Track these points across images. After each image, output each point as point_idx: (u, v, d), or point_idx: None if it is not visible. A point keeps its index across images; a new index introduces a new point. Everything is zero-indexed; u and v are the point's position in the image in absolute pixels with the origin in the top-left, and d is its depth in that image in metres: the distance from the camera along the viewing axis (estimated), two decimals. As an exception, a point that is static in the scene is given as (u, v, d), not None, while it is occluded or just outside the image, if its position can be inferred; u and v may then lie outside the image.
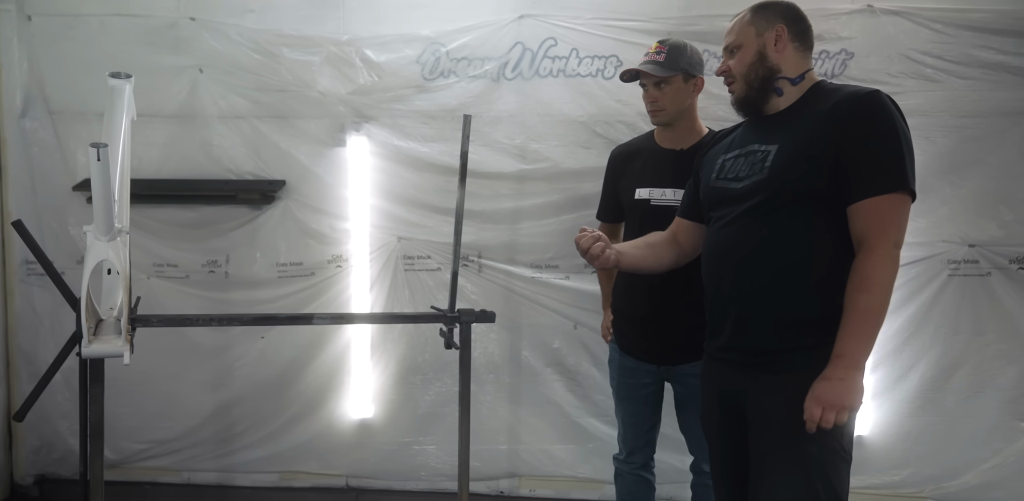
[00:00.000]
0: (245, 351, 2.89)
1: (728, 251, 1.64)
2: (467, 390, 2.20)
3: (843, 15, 2.66)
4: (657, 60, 2.13)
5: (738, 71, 1.69)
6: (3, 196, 2.89)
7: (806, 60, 1.68)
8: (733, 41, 1.72)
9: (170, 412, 2.90)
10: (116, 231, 1.31)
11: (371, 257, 2.85)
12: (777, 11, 1.68)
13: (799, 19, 1.69)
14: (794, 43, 1.66)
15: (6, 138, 2.87)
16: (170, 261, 2.87)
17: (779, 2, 1.71)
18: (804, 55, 1.68)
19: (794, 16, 1.69)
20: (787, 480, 1.49)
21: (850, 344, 1.44)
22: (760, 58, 1.66)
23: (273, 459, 2.91)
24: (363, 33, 2.80)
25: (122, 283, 1.35)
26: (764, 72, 1.65)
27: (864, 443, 2.71)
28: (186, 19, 2.83)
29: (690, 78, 2.16)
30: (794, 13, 1.69)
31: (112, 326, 1.35)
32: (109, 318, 1.37)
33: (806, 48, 1.68)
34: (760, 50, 1.66)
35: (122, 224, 1.36)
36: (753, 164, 1.62)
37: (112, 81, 1.65)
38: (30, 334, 2.91)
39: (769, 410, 1.54)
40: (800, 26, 1.68)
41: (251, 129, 2.84)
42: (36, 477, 2.96)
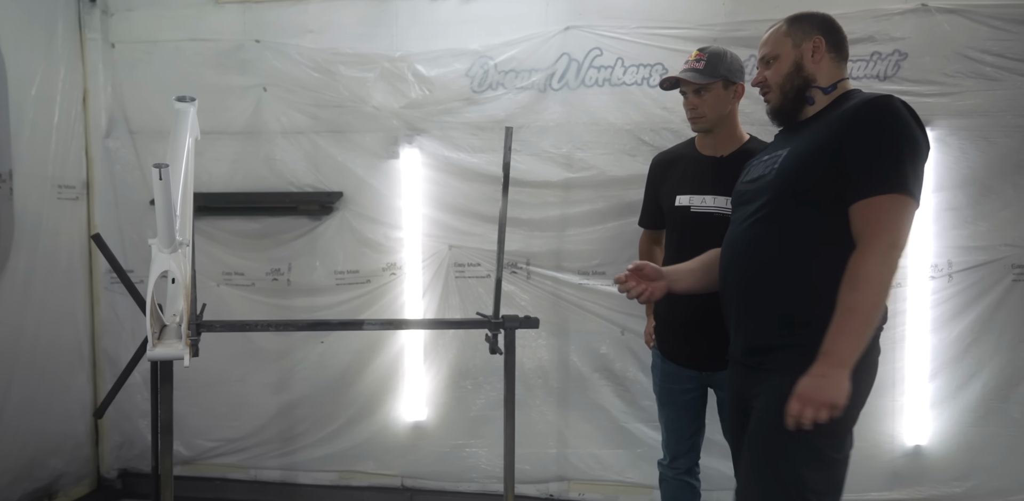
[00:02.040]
0: (306, 355, 3.03)
1: (735, 251, 1.67)
2: (512, 394, 2.26)
3: (896, 15, 2.61)
4: (696, 67, 2.15)
5: (774, 81, 1.72)
6: (90, 210, 3.13)
7: (840, 70, 1.71)
8: (769, 52, 1.74)
9: (237, 412, 3.07)
10: (177, 244, 1.44)
11: (423, 265, 2.95)
12: (814, 22, 1.71)
13: (835, 30, 1.71)
14: (830, 54, 1.68)
15: (93, 157, 3.12)
16: (237, 270, 3.05)
17: (815, 13, 1.73)
18: (839, 65, 1.71)
19: (830, 27, 1.71)
20: (758, 473, 1.52)
21: (836, 341, 1.43)
22: (797, 69, 1.69)
23: (332, 459, 3.04)
24: (415, 49, 2.91)
25: (183, 292, 1.48)
26: (800, 82, 1.68)
27: (923, 453, 2.63)
28: (251, 41, 3.01)
29: (730, 85, 2.17)
30: (830, 24, 1.72)
31: (174, 331, 1.48)
32: (172, 324, 1.50)
33: (841, 58, 1.71)
34: (797, 61, 1.69)
35: (183, 237, 1.49)
36: (767, 167, 1.67)
37: (177, 104, 1.80)
38: (113, 338, 3.14)
39: (761, 407, 1.56)
40: (836, 37, 1.70)
41: (310, 143, 3.00)
42: (119, 471, 3.18)
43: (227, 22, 3.03)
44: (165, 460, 1.91)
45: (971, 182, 2.58)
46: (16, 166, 2.75)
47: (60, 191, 2.99)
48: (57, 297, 2.94)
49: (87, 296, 3.12)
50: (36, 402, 2.80)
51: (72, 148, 3.04)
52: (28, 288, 2.79)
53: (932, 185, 2.60)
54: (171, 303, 1.54)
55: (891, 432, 2.67)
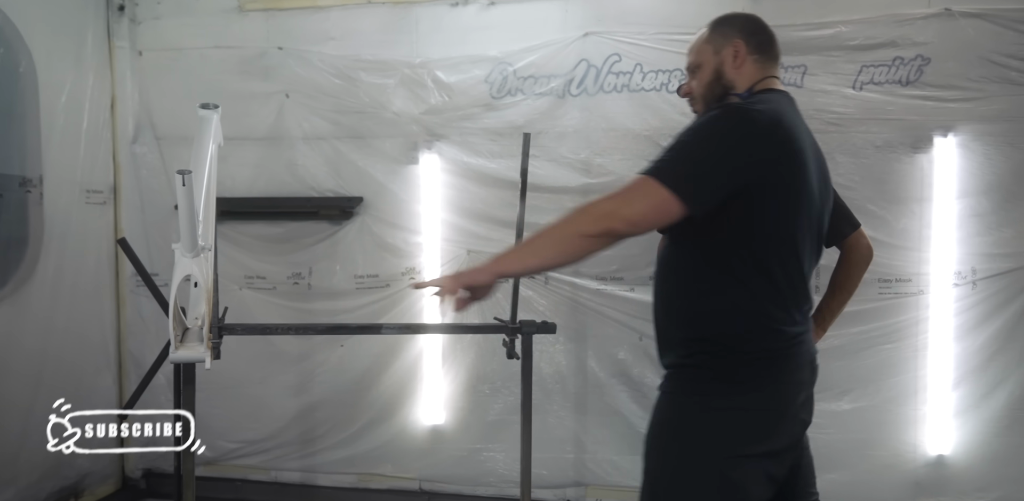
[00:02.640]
0: (326, 358, 3.07)
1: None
2: (529, 399, 2.27)
3: (918, 20, 2.59)
4: None
5: (698, 92, 1.61)
6: (117, 215, 3.20)
7: (764, 70, 1.56)
8: (693, 61, 1.62)
9: (258, 414, 3.11)
10: (200, 248, 1.47)
11: (442, 269, 2.97)
12: (734, 25, 1.59)
13: (758, 31, 1.59)
14: (753, 56, 1.55)
15: (120, 162, 3.18)
16: (259, 273, 3.10)
17: (736, 15, 1.63)
18: (764, 66, 1.57)
19: (753, 28, 1.59)
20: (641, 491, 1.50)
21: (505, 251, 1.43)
22: (717, 77, 1.57)
23: (351, 461, 3.06)
24: (434, 55, 2.94)
25: (205, 295, 1.51)
26: (720, 91, 1.57)
27: (946, 463, 2.60)
28: (274, 48, 3.06)
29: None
30: (753, 25, 1.60)
31: (196, 334, 1.51)
32: (194, 327, 1.53)
33: (767, 59, 1.57)
34: (717, 68, 1.57)
35: (206, 242, 1.52)
36: None
37: (201, 111, 1.83)
38: (138, 339, 3.19)
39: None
40: (760, 38, 1.57)
41: (331, 149, 3.04)
42: (143, 471, 3.24)
43: (251, 30, 3.08)
44: (187, 461, 1.95)
45: (995, 188, 2.55)
46: (46, 171, 2.82)
47: (88, 196, 3.05)
48: (85, 299, 3.01)
49: (113, 298, 3.18)
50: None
51: (100, 154, 3.11)
52: (57, 290, 2.86)
53: (956, 191, 2.58)
54: (193, 306, 1.57)
55: (913, 441, 2.64)
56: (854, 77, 2.62)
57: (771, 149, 1.38)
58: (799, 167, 1.42)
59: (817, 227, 1.52)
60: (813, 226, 1.49)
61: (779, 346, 1.44)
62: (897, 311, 2.63)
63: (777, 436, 1.43)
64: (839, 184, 2.08)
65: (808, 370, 1.51)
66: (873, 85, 2.61)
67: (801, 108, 2.58)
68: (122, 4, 3.14)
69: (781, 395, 1.44)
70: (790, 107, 1.51)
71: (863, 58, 2.61)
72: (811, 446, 2.09)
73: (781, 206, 1.41)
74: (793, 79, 2.66)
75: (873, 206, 2.58)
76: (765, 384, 1.42)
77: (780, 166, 1.39)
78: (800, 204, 1.43)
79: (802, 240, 1.45)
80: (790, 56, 2.66)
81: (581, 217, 1.37)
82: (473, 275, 1.37)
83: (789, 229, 1.43)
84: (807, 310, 1.52)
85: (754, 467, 1.41)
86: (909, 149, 2.60)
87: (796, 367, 1.47)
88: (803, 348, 1.48)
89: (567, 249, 1.37)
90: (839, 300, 2.04)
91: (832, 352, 2.56)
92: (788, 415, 1.45)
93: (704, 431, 1.43)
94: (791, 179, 1.41)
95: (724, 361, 1.44)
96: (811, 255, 1.50)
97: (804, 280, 1.49)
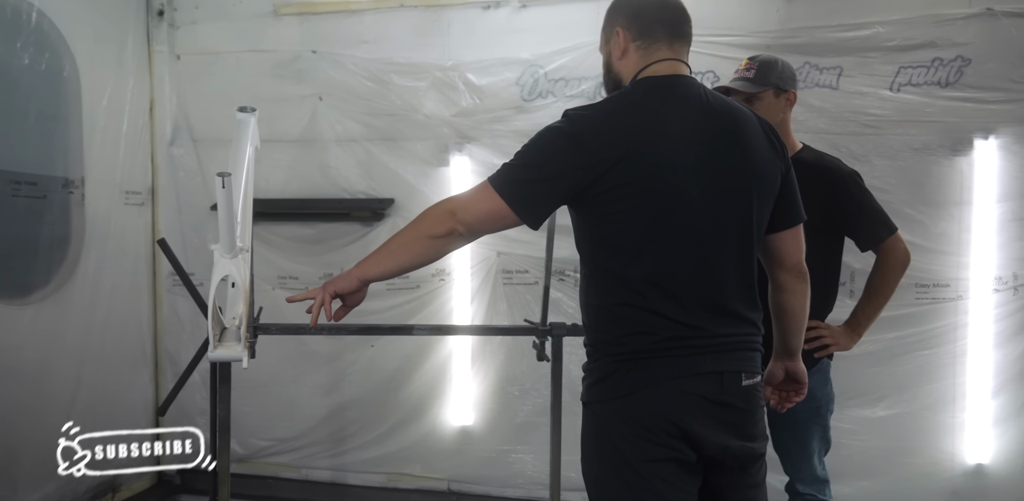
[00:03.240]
0: (356, 358, 3.10)
1: None
2: (558, 402, 2.27)
3: (959, 20, 2.54)
4: (746, 76, 2.12)
5: (604, 84, 1.53)
6: (155, 215, 3.26)
7: (649, 55, 1.41)
8: (600, 50, 1.54)
9: (290, 413, 3.15)
10: (238, 249, 1.50)
11: (472, 271, 2.98)
12: (617, 11, 1.46)
13: (642, 11, 1.42)
14: (636, 42, 1.42)
15: (158, 164, 3.25)
16: (292, 274, 3.14)
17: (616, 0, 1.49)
18: (649, 51, 1.41)
19: (636, 10, 1.43)
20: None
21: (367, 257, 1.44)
22: (607, 70, 1.49)
23: (381, 461, 3.09)
24: (466, 58, 2.96)
25: (242, 296, 1.53)
26: (611, 85, 1.49)
27: (984, 472, 2.54)
28: (308, 52, 3.10)
29: (781, 93, 2.13)
30: (636, 6, 1.43)
31: (234, 334, 1.54)
32: (232, 326, 1.56)
33: (653, 41, 1.41)
34: (606, 61, 1.48)
35: (243, 243, 1.55)
36: None
37: (239, 115, 1.87)
38: (174, 338, 3.26)
39: None
40: (643, 19, 1.42)
41: (363, 151, 3.07)
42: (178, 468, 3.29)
43: (285, 33, 3.13)
44: (223, 458, 1.98)
45: (1038, 192, 2.49)
46: (88, 173, 2.89)
47: (127, 197, 3.12)
48: (123, 298, 3.07)
49: (150, 298, 3.25)
50: (103, 399, 2.93)
51: (139, 156, 3.18)
52: (97, 289, 2.93)
53: (996, 195, 2.52)
54: (231, 306, 1.60)
55: (951, 449, 2.59)
56: (891, 79, 2.58)
57: (594, 155, 1.30)
58: (645, 168, 1.31)
59: (714, 223, 1.37)
60: (701, 221, 1.35)
61: (650, 348, 1.34)
62: (935, 317, 2.58)
63: (653, 444, 1.34)
64: (875, 187, 2.05)
65: (714, 383, 1.35)
66: (911, 87, 2.57)
67: (836, 110, 2.62)
68: (161, 9, 3.21)
69: (652, 402, 1.34)
70: (661, 96, 1.37)
71: (901, 59, 2.56)
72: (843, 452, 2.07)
73: (625, 206, 1.33)
74: (828, 81, 2.63)
75: (910, 210, 2.54)
76: (631, 389, 1.35)
77: (611, 170, 1.30)
78: (656, 203, 1.33)
79: (677, 239, 1.35)
80: (825, 57, 2.63)
81: (426, 219, 1.39)
82: (339, 282, 1.41)
83: (645, 229, 1.33)
84: (719, 314, 1.37)
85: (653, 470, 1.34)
86: (948, 152, 2.55)
87: (682, 374, 1.34)
88: (699, 356, 1.35)
89: (418, 250, 1.39)
90: (875, 305, 2.01)
91: (867, 358, 2.53)
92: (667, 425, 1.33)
93: (591, 438, 1.41)
94: (633, 180, 1.31)
95: (597, 364, 1.41)
96: (710, 252, 1.36)
97: (693, 282, 1.35)
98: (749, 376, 1.40)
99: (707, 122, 1.38)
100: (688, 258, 1.36)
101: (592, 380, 1.42)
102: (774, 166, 1.44)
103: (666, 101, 1.37)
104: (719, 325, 1.38)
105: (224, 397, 2.00)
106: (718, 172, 1.37)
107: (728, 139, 1.39)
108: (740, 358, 1.40)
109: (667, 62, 1.41)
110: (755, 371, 1.42)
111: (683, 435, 1.35)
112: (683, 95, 1.39)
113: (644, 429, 1.34)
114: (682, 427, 1.34)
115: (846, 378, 2.12)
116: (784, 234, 1.49)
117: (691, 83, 1.42)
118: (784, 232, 1.49)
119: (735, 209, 1.39)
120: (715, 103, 1.41)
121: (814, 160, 2.00)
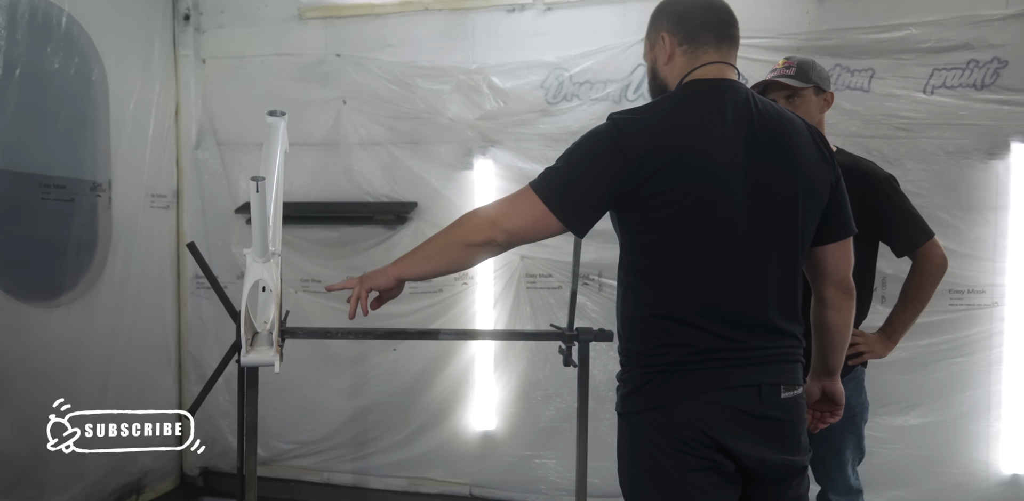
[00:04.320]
0: (379, 362, 3.09)
1: None
2: (585, 407, 2.24)
3: (995, 21, 2.50)
4: (788, 74, 2.09)
5: (649, 89, 1.51)
6: (179, 218, 3.28)
7: (696, 59, 1.39)
8: (644, 56, 1.51)
9: (312, 416, 3.15)
10: (270, 254, 1.49)
11: (495, 275, 2.97)
12: (662, 15, 1.43)
13: (688, 15, 1.39)
14: (682, 47, 1.39)
15: (183, 168, 3.27)
16: (315, 277, 3.14)
17: (662, 4, 1.45)
18: (695, 55, 1.39)
19: (681, 14, 1.40)
20: None
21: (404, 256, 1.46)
22: (653, 76, 1.46)
23: (402, 465, 3.08)
24: (490, 61, 2.95)
25: (274, 300, 1.53)
26: (656, 90, 1.46)
27: (1021, 483, 2.48)
28: (332, 56, 3.11)
29: (820, 92, 2.10)
30: (681, 10, 1.41)
31: (265, 338, 1.53)
32: (263, 331, 1.55)
33: (700, 45, 1.38)
34: (652, 66, 1.46)
35: (275, 247, 1.54)
36: None
37: (269, 119, 1.86)
38: (198, 340, 3.27)
39: None
40: (690, 24, 1.39)
41: (387, 155, 3.06)
42: (201, 469, 3.31)
43: (310, 37, 3.14)
44: (250, 461, 1.97)
45: (1078, 196, 2.44)
46: (114, 176, 2.91)
47: (153, 200, 3.14)
48: (149, 301, 3.09)
49: (175, 301, 3.26)
50: (129, 400, 2.94)
51: (164, 159, 3.20)
52: (123, 291, 2.94)
53: (1034, 199, 2.47)
54: (262, 310, 1.59)
55: (986, 459, 2.53)
56: (925, 81, 2.54)
57: (640, 159, 1.27)
58: (691, 174, 1.29)
59: (757, 232, 1.33)
60: (747, 231, 1.32)
61: (686, 360, 1.32)
62: (969, 323, 2.53)
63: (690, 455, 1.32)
64: (908, 192, 2.00)
65: (751, 396, 1.32)
66: (945, 89, 2.52)
67: (868, 113, 2.58)
68: (187, 14, 3.23)
69: (686, 414, 1.31)
70: (709, 101, 1.34)
71: (935, 61, 2.52)
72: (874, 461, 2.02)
73: (670, 214, 1.30)
74: (860, 83, 2.59)
75: (944, 214, 2.49)
76: (665, 401, 1.33)
77: (657, 174, 1.28)
78: (701, 211, 1.30)
79: (721, 248, 1.31)
80: (857, 59, 2.59)
81: (465, 226, 1.38)
82: (375, 279, 1.44)
83: (689, 237, 1.31)
84: (758, 326, 1.35)
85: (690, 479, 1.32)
86: (984, 155, 2.50)
87: (718, 387, 1.32)
88: (736, 368, 1.32)
89: (454, 257, 1.39)
90: (911, 312, 1.96)
91: (899, 365, 2.48)
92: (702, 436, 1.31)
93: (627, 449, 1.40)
94: (680, 187, 1.29)
95: (632, 374, 1.39)
96: (753, 263, 1.33)
97: (734, 293, 1.33)
98: (789, 388, 1.37)
99: (756, 129, 1.34)
100: (731, 268, 1.33)
101: (626, 390, 1.40)
102: (823, 177, 1.41)
103: (714, 106, 1.34)
104: (758, 337, 1.35)
105: (251, 401, 1.99)
106: (765, 180, 1.34)
107: (777, 147, 1.36)
108: (779, 370, 1.37)
109: (714, 65, 1.38)
110: (795, 383, 1.39)
111: (719, 447, 1.33)
112: (732, 100, 1.35)
113: (679, 441, 1.32)
114: (717, 439, 1.32)
115: (878, 386, 2.07)
116: (832, 247, 1.46)
117: (739, 88, 1.39)
118: (832, 245, 1.45)
119: (781, 219, 1.36)
120: (764, 110, 1.38)
121: (849, 164, 1.96)
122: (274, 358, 1.49)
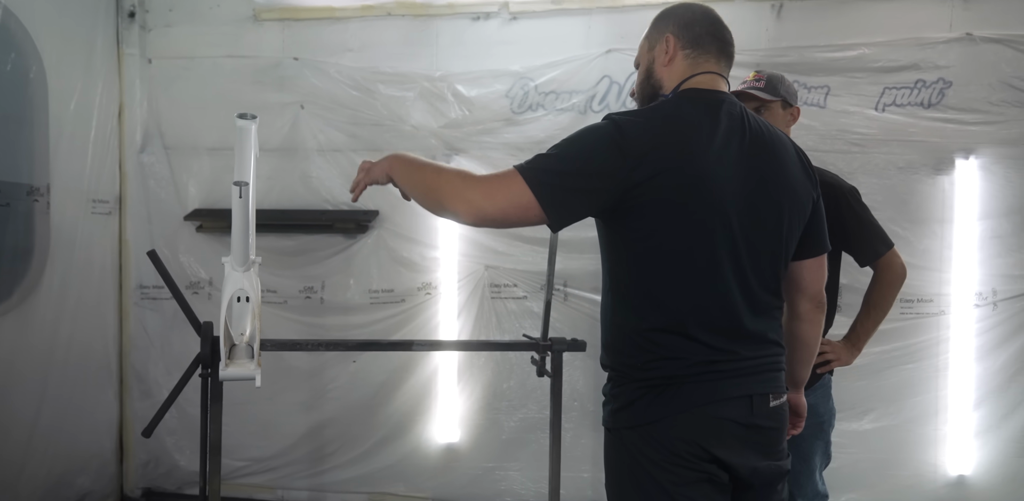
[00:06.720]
0: (337, 375, 3.00)
1: None
2: (558, 418, 2.24)
3: (940, 44, 2.63)
4: (758, 86, 2.14)
5: (637, 92, 1.51)
6: (122, 225, 3.11)
7: (696, 66, 1.40)
8: (636, 59, 1.51)
9: (266, 431, 3.03)
10: (251, 262, 1.42)
11: (459, 285, 2.93)
12: (669, 18, 1.44)
13: (694, 22, 1.42)
14: (685, 51, 1.40)
15: (127, 172, 3.11)
16: (270, 287, 3.02)
17: (676, 6, 1.47)
18: (696, 62, 1.40)
19: (689, 20, 1.42)
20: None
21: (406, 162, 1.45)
22: (647, 76, 1.46)
23: (362, 480, 2.99)
24: (455, 69, 2.92)
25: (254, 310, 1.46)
26: (649, 91, 1.46)
27: (967, 483, 2.61)
28: (290, 59, 3.02)
29: (788, 107, 2.16)
30: (690, 16, 1.43)
31: (244, 350, 1.46)
32: (241, 343, 1.48)
33: (701, 53, 1.40)
34: (648, 67, 1.45)
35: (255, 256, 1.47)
36: None
37: (239, 122, 1.77)
38: (142, 354, 3.10)
39: None
40: (696, 30, 1.41)
41: (347, 161, 2.99)
42: (144, 490, 3.12)
43: (266, 39, 3.04)
44: (213, 481, 1.87)
45: (1016, 210, 2.59)
46: (53, 180, 2.74)
47: (94, 205, 2.97)
48: (89, 312, 2.91)
49: (117, 312, 3.09)
50: (66, 419, 2.76)
51: (107, 163, 3.03)
52: (62, 302, 2.77)
53: (977, 213, 2.61)
54: (238, 322, 1.52)
55: (933, 461, 2.64)
56: (877, 98, 2.65)
57: (638, 160, 1.25)
58: (687, 181, 1.28)
59: (748, 244, 1.34)
60: (736, 242, 1.32)
61: (681, 374, 1.31)
62: (919, 331, 2.64)
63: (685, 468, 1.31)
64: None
65: (744, 406, 1.33)
66: (895, 107, 2.64)
67: (824, 128, 2.68)
68: (132, 11, 3.08)
69: (681, 428, 1.31)
70: (707, 110, 1.34)
71: (886, 80, 2.64)
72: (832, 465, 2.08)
73: (664, 222, 1.29)
74: (816, 99, 2.69)
75: (895, 226, 2.60)
76: (660, 415, 1.31)
77: (653, 180, 1.26)
78: (695, 220, 1.30)
79: (716, 260, 1.31)
80: (813, 76, 2.69)
81: (450, 189, 1.30)
82: (374, 172, 1.47)
83: (679, 246, 1.30)
84: (749, 337, 1.35)
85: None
86: (931, 170, 2.63)
87: (713, 399, 1.31)
88: (728, 379, 1.33)
89: (428, 200, 1.36)
90: (873, 320, 2.03)
91: (855, 371, 2.54)
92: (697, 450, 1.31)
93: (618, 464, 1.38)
94: (674, 194, 1.28)
95: (623, 389, 1.36)
96: (741, 274, 1.34)
97: (728, 304, 1.33)
98: (776, 397, 1.39)
99: (750, 143, 1.35)
100: (725, 279, 1.33)
101: (617, 406, 1.38)
102: (807, 193, 1.44)
103: (713, 116, 1.34)
104: (748, 348, 1.36)
105: (216, 417, 1.89)
106: (756, 193, 1.35)
107: (767, 162, 1.38)
108: (767, 379, 1.39)
109: (711, 75, 1.40)
110: (781, 391, 1.42)
111: (713, 459, 1.33)
112: (728, 112, 1.36)
113: (674, 455, 1.31)
114: (712, 451, 1.32)
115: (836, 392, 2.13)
116: (809, 262, 1.49)
117: (735, 101, 1.40)
118: (809, 260, 1.49)
119: (769, 232, 1.37)
120: (756, 125, 1.40)
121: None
122: (255, 372, 1.42)
